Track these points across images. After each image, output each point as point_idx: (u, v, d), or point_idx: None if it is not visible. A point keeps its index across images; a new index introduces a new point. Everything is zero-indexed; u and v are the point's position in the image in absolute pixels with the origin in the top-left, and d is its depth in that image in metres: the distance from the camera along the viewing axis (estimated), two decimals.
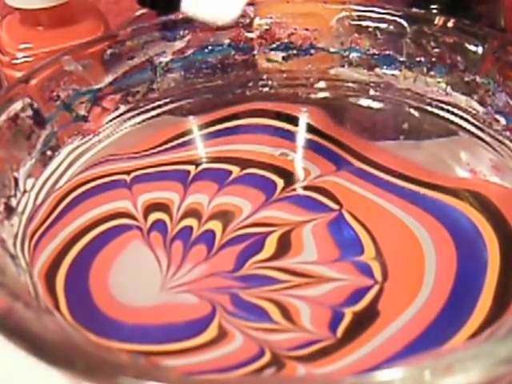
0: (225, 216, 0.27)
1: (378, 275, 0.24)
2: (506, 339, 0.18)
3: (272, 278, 0.24)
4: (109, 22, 0.36)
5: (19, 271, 0.23)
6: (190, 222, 0.27)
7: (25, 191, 0.27)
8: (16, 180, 0.27)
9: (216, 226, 0.27)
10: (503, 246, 0.25)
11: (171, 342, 0.22)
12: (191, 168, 0.30)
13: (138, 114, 0.32)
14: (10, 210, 0.26)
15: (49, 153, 0.29)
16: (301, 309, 0.23)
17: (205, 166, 0.30)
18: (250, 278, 0.24)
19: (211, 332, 0.22)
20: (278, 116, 0.32)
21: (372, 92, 0.32)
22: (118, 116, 0.31)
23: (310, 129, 0.32)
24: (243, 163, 0.30)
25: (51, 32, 0.35)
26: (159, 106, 0.32)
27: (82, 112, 0.30)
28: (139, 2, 0.37)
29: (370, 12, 0.32)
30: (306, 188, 0.29)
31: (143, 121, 0.32)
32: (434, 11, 0.34)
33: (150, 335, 0.22)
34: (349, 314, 0.23)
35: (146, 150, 0.30)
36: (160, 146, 0.31)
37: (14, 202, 0.26)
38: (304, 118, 0.32)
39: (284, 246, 0.26)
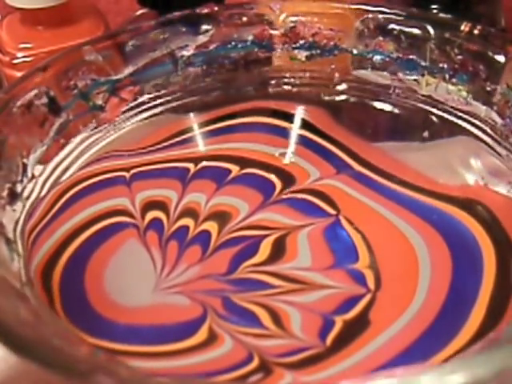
0: (221, 217, 0.27)
1: (371, 284, 0.24)
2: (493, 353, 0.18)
3: (264, 283, 0.24)
4: (109, 22, 0.36)
5: (12, 256, 0.23)
6: (187, 221, 0.27)
7: (33, 177, 0.27)
8: (25, 166, 0.27)
9: (212, 226, 0.27)
10: (500, 260, 0.25)
11: (161, 343, 0.22)
12: (190, 166, 0.30)
13: (141, 112, 0.32)
14: (13, 196, 0.26)
15: (62, 141, 0.29)
16: (291, 315, 0.23)
17: (204, 163, 0.30)
18: (242, 282, 0.24)
19: (201, 335, 0.22)
20: (282, 116, 0.32)
21: (393, 96, 0.32)
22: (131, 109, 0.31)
23: (313, 130, 0.31)
24: (243, 162, 0.30)
25: (51, 32, 0.34)
26: (161, 104, 0.32)
27: (99, 102, 0.30)
28: (139, 1, 0.37)
29: (396, 15, 0.31)
30: (304, 191, 0.29)
31: (145, 118, 0.31)
32: (435, 11, 0.34)
33: (141, 336, 0.22)
34: (339, 322, 0.23)
35: (146, 147, 0.30)
36: (160, 143, 0.31)
37: (19, 187, 0.26)
38: (307, 119, 0.32)
39: (278, 250, 0.26)
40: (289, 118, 0.32)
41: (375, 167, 0.30)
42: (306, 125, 0.32)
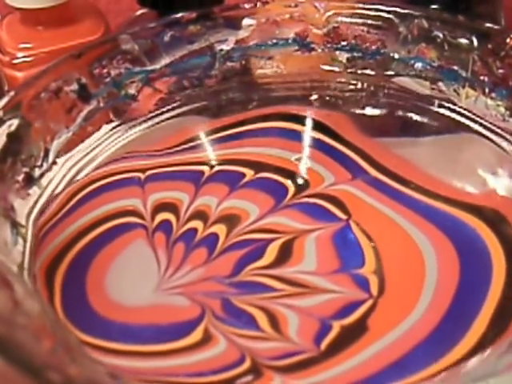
0: (231, 220, 0.27)
1: (375, 290, 0.24)
2: None
3: (267, 286, 0.24)
4: (109, 22, 0.36)
5: (16, 240, 0.24)
6: (196, 224, 0.27)
7: (54, 163, 0.28)
8: (46, 151, 0.27)
9: (220, 229, 0.27)
10: (510, 272, 0.24)
11: (155, 343, 0.22)
12: (205, 169, 0.30)
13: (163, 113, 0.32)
14: (30, 180, 0.26)
15: (90, 128, 0.29)
16: (289, 318, 0.23)
17: (219, 167, 0.30)
18: (244, 285, 0.24)
19: (196, 335, 0.22)
20: (299, 120, 0.32)
21: (432, 109, 0.31)
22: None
23: (331, 134, 0.31)
24: (258, 166, 0.30)
25: (51, 32, 0.34)
26: (179, 106, 0.32)
27: (132, 91, 0.31)
28: (139, 1, 0.38)
29: (441, 22, 0.31)
30: (316, 196, 0.28)
31: (162, 121, 0.32)
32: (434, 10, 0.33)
33: (136, 335, 0.23)
34: (336, 327, 0.23)
35: (163, 150, 0.30)
36: (177, 146, 0.31)
37: (37, 172, 0.27)
38: (326, 123, 0.32)
39: (285, 254, 0.26)
40: (306, 122, 0.32)
41: (392, 173, 0.29)
42: (323, 129, 0.31)
